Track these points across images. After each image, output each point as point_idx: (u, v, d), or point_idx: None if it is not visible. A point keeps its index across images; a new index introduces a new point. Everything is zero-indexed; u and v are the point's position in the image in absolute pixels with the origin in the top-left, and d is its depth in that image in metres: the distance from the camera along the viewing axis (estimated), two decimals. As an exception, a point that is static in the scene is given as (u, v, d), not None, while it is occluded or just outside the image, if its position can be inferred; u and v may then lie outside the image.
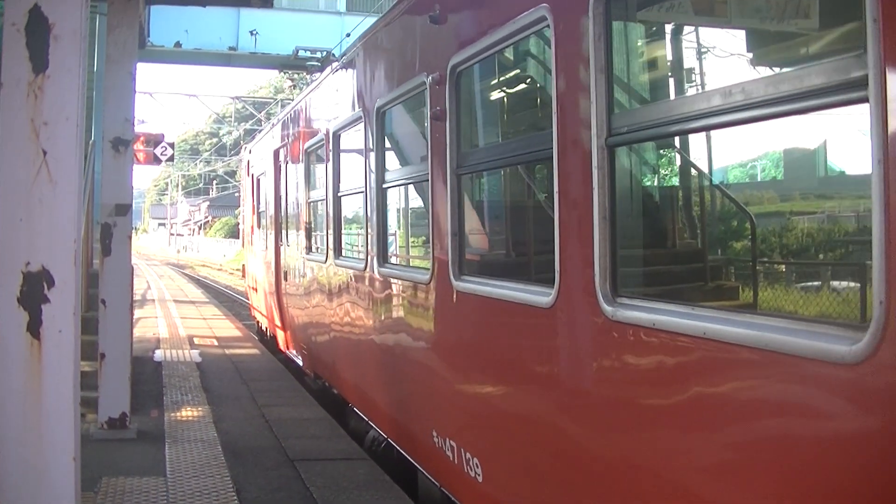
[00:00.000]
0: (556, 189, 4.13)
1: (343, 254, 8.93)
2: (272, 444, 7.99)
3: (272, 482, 6.77)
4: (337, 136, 8.83)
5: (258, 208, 15.89)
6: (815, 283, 3.77)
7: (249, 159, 17.41)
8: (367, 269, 7.52)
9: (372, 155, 7.34)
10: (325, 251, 9.34)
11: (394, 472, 7.04)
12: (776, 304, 3.65)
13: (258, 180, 15.85)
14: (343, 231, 9.04)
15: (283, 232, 12.71)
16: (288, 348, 12.81)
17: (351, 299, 8.29)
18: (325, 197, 9.30)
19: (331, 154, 8.98)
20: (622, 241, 3.83)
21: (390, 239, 7.64)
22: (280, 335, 13.51)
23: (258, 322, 17.23)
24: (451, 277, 5.45)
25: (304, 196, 10.68)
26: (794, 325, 2.83)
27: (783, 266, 3.98)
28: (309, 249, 10.56)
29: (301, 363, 11.56)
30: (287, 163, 12.26)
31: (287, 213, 12.34)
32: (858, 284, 3.21)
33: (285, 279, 12.47)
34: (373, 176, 7.31)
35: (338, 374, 9.32)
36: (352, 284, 8.25)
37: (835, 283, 3.59)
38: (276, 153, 13.10)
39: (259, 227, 15.83)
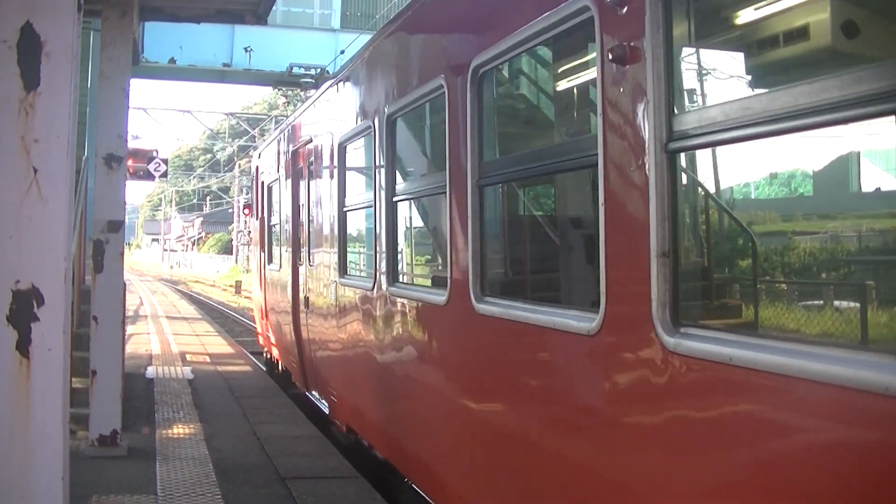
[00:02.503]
0: None
1: (402, 280, 6.97)
2: (263, 461, 7.94)
3: (262, 501, 6.73)
4: (392, 122, 6.73)
5: (269, 220, 13.88)
6: None
7: (258, 164, 15.44)
8: (451, 304, 5.47)
9: (463, 141, 5.19)
10: (371, 275, 7.19)
11: None
12: None
13: (269, 188, 13.88)
14: (402, 248, 7.13)
15: (304, 248, 10.49)
16: (309, 389, 10.69)
17: (419, 345, 6.31)
18: (372, 203, 7.22)
19: (383, 147, 6.87)
20: None
21: (493, 262, 5.41)
22: (296, 371, 11.42)
23: (266, 350, 15.40)
24: (660, 330, 3.29)
25: (336, 204, 8.57)
26: None
27: None
28: (344, 272, 8.50)
29: (327, 411, 9.55)
30: (311, 164, 10.13)
31: (310, 226, 10.14)
32: None
33: (306, 307, 10.32)
34: (462, 170, 5.21)
35: (392, 439, 7.11)
36: (420, 325, 6.29)
37: None
38: (295, 154, 11.15)
39: (270, 242, 13.83)
